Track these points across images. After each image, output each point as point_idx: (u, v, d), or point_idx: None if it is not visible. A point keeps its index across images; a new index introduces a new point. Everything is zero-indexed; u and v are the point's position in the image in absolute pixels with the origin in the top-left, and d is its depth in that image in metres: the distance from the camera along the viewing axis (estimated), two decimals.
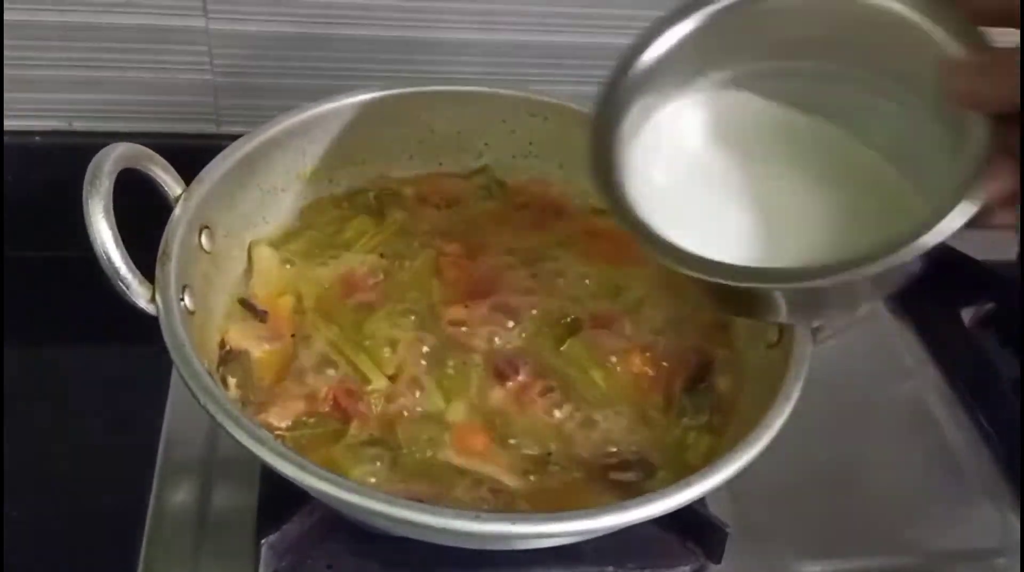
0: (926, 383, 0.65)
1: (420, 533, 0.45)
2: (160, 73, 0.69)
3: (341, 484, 0.39)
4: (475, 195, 0.62)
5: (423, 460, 0.47)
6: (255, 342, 0.51)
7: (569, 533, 0.43)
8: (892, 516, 0.57)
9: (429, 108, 0.62)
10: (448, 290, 0.56)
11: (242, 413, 0.41)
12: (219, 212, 0.52)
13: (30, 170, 0.71)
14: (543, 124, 0.63)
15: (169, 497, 0.51)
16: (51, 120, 0.70)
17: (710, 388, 0.52)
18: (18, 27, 0.65)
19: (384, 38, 0.70)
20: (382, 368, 0.51)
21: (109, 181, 0.44)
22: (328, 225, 0.59)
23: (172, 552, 0.49)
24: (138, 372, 0.60)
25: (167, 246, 0.47)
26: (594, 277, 0.57)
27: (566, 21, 0.71)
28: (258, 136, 0.55)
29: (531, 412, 0.50)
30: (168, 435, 0.54)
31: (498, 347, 0.53)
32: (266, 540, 0.46)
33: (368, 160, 0.62)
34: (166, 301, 0.45)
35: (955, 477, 0.60)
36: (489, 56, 0.72)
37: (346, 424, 0.48)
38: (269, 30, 0.68)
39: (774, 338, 0.52)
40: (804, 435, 0.58)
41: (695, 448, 0.49)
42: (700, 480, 0.42)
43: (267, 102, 0.70)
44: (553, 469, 0.48)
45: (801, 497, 0.56)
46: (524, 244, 0.59)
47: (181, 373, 0.42)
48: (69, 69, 0.68)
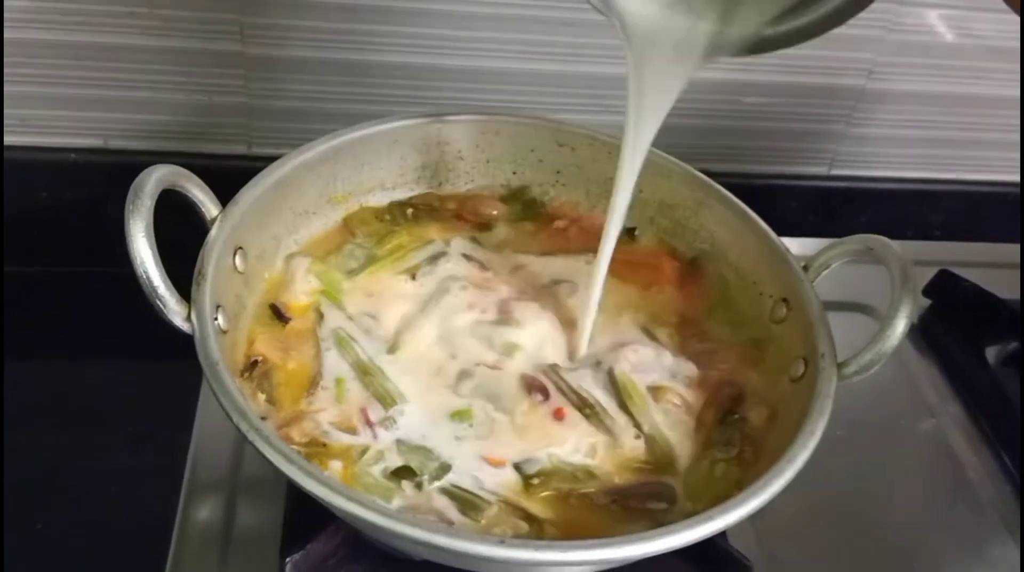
0: (949, 421, 0.65)
1: (444, 557, 0.45)
2: (195, 95, 0.70)
3: (371, 506, 0.40)
4: (511, 216, 0.63)
5: (448, 485, 0.47)
6: (280, 354, 0.52)
7: (594, 562, 0.43)
8: (914, 553, 0.56)
9: (459, 136, 0.62)
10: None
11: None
12: (253, 234, 0.53)
13: (65, 187, 0.72)
14: (571, 154, 0.63)
15: (195, 514, 0.52)
16: (87, 138, 0.72)
17: (742, 421, 0.52)
18: (57, 47, 0.67)
19: (415, 64, 0.71)
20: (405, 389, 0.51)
21: (151, 201, 0.44)
22: (368, 237, 0.60)
23: (197, 569, 0.49)
24: (165, 390, 0.61)
25: (203, 266, 0.48)
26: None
27: (595, 52, 0.72)
28: (292, 160, 0.56)
29: (560, 436, 0.50)
30: (195, 453, 0.55)
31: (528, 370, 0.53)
32: (290, 559, 0.46)
33: (399, 186, 0.63)
34: (201, 320, 0.45)
35: (977, 515, 0.59)
36: (519, 84, 0.73)
37: (368, 443, 0.49)
38: (303, 55, 0.69)
39: (798, 373, 0.52)
40: (827, 471, 0.58)
41: (725, 480, 0.49)
42: (724, 512, 0.42)
43: (299, 125, 0.72)
44: (578, 494, 0.48)
45: (823, 533, 0.56)
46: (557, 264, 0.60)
47: (215, 391, 0.43)
48: (106, 89, 0.69)
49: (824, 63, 0.76)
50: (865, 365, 0.49)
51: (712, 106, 0.77)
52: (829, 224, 0.84)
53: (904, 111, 0.80)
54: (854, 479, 0.60)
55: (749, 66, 0.75)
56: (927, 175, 0.85)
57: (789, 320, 0.55)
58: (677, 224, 0.62)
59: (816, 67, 0.76)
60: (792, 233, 0.59)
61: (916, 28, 0.75)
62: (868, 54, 0.76)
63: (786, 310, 0.55)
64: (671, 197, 0.62)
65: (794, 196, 0.83)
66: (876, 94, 0.79)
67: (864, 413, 0.63)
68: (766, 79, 0.77)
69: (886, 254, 0.51)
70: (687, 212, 0.62)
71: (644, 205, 0.63)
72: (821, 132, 0.81)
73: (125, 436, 0.60)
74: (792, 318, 0.54)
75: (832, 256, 0.54)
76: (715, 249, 0.61)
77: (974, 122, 0.82)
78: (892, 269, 0.50)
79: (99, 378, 0.65)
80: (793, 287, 0.54)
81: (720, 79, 0.76)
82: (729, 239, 0.60)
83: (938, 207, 0.86)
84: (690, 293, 0.60)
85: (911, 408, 0.66)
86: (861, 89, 0.78)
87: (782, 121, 0.80)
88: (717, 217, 0.60)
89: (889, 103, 0.80)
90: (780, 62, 0.76)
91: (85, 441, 0.60)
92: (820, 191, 0.84)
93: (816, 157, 0.83)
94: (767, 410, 0.53)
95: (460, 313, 0.56)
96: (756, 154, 0.81)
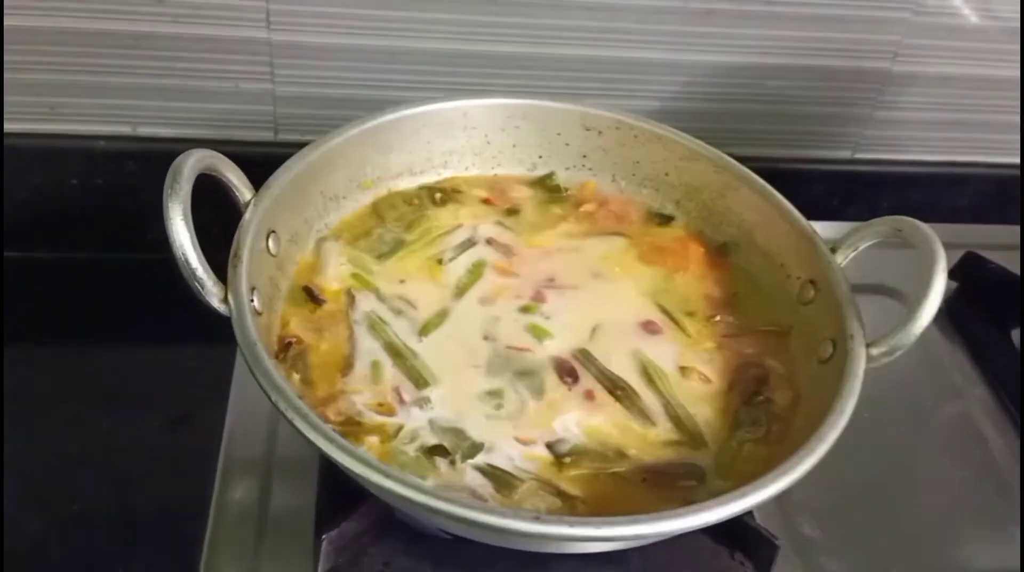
0: (976, 403, 0.65)
1: (479, 533, 0.46)
2: (222, 82, 0.71)
3: (408, 482, 0.40)
4: (538, 200, 0.64)
5: (481, 463, 0.48)
6: (314, 335, 0.52)
7: (628, 537, 0.44)
8: (940, 534, 0.56)
9: (486, 120, 0.63)
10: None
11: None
12: (285, 217, 0.54)
13: (94, 174, 0.73)
14: (597, 138, 0.64)
15: (231, 494, 0.53)
16: (116, 125, 0.72)
17: (768, 402, 0.53)
18: (86, 35, 0.67)
19: (441, 50, 0.71)
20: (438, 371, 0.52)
21: (188, 185, 0.45)
22: (397, 222, 0.60)
23: (233, 548, 0.50)
24: (199, 373, 0.62)
25: (238, 249, 0.48)
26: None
27: (620, 37, 0.72)
28: (322, 145, 0.56)
29: (591, 417, 0.51)
30: (230, 434, 0.56)
31: (559, 352, 0.54)
32: (326, 536, 0.47)
33: (426, 170, 0.63)
34: (238, 301, 0.46)
35: (1004, 496, 0.59)
36: (545, 70, 0.73)
37: (402, 422, 0.49)
38: (329, 42, 0.70)
39: (827, 354, 0.52)
40: (854, 453, 0.58)
41: (753, 459, 0.49)
42: (757, 490, 0.42)
43: (325, 112, 0.72)
44: (609, 473, 0.48)
45: (850, 514, 0.56)
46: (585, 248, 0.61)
47: (253, 371, 0.43)
48: (135, 76, 0.70)
49: (849, 46, 0.76)
50: (894, 346, 0.49)
51: (736, 90, 0.77)
52: (854, 208, 0.84)
53: (929, 94, 0.80)
54: (880, 461, 0.60)
55: (772, 50, 0.75)
56: (953, 158, 0.85)
57: (817, 302, 0.55)
58: (704, 207, 0.63)
59: (841, 50, 0.76)
60: (817, 217, 0.59)
61: (941, 10, 0.75)
62: (893, 36, 0.76)
63: (814, 292, 0.55)
64: (697, 180, 0.62)
65: (819, 180, 0.83)
66: (901, 77, 0.78)
67: (891, 395, 0.63)
68: (790, 62, 0.76)
69: (916, 235, 0.51)
70: (714, 195, 0.62)
71: (671, 188, 0.63)
72: (846, 116, 0.81)
73: (161, 419, 0.61)
74: (820, 300, 0.55)
75: (861, 237, 0.54)
76: (742, 232, 0.61)
77: (1000, 104, 0.82)
78: (922, 250, 0.50)
79: (133, 362, 0.66)
80: (821, 269, 0.54)
81: (743, 63, 0.76)
82: (756, 221, 0.60)
83: (964, 191, 0.86)
84: (717, 277, 0.60)
85: (937, 390, 0.66)
86: (886, 72, 0.78)
87: (806, 105, 0.79)
88: (744, 199, 0.60)
89: (914, 86, 0.79)
90: (804, 45, 0.75)
91: (124, 423, 0.61)
92: (845, 175, 0.84)
93: (841, 141, 0.83)
94: (791, 392, 0.53)
95: (490, 297, 0.56)
96: (780, 138, 0.81)
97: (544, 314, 0.56)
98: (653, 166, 0.63)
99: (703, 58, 0.75)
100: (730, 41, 0.74)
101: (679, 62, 0.75)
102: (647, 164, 0.63)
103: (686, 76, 0.76)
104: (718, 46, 0.74)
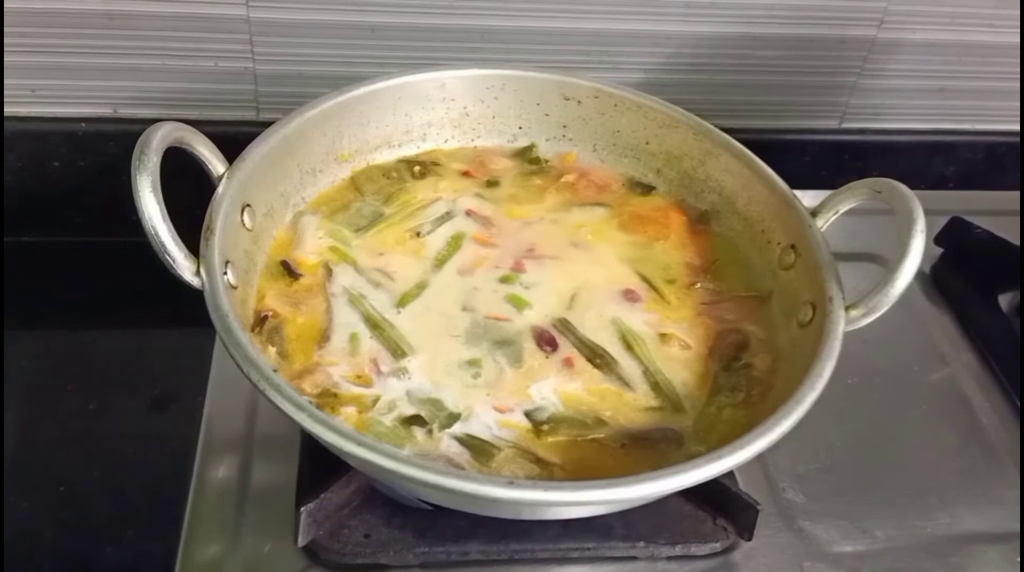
0: (962, 368, 0.65)
1: (456, 501, 0.46)
2: (202, 61, 0.71)
3: (381, 450, 0.40)
4: (519, 171, 0.63)
5: (459, 432, 0.48)
6: (290, 308, 0.52)
7: (603, 501, 0.44)
8: (926, 498, 0.56)
9: (464, 91, 0.62)
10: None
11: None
12: (260, 191, 0.53)
13: (76, 156, 0.73)
14: (577, 108, 0.63)
15: (212, 471, 0.52)
16: (97, 107, 0.72)
17: (747, 366, 0.52)
18: (63, 15, 0.67)
19: (420, 25, 0.71)
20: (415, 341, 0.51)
21: (156, 157, 0.45)
22: (376, 195, 0.60)
23: (214, 523, 0.50)
24: (185, 353, 0.62)
25: (211, 222, 0.48)
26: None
27: (601, 8, 0.72)
28: (297, 117, 0.56)
29: (569, 384, 0.51)
30: (210, 412, 0.55)
31: (538, 321, 0.53)
32: (305, 508, 0.47)
33: (404, 143, 0.63)
34: (211, 275, 0.46)
35: (990, 460, 0.59)
36: (524, 43, 0.72)
37: (379, 393, 0.49)
38: (309, 18, 0.69)
39: (807, 317, 0.52)
40: (841, 418, 0.58)
41: (732, 423, 0.49)
42: (733, 452, 0.42)
43: (307, 90, 0.71)
44: (587, 439, 0.48)
45: (835, 478, 0.56)
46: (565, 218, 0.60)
47: (225, 344, 0.43)
48: (114, 57, 0.70)
49: (834, 13, 0.75)
50: (873, 307, 0.49)
51: (720, 61, 0.77)
52: (841, 178, 0.82)
53: (916, 61, 0.79)
54: (867, 426, 0.60)
55: (757, 19, 0.75)
56: (940, 126, 0.84)
57: (797, 266, 0.55)
58: (685, 175, 0.62)
59: (826, 17, 0.76)
60: (804, 187, 0.58)
61: None
62: (880, 3, 0.75)
63: (794, 256, 0.55)
64: (678, 148, 0.62)
65: (806, 150, 0.82)
66: (887, 44, 0.78)
67: (877, 361, 0.63)
68: (775, 31, 0.76)
69: (894, 196, 0.50)
70: (694, 162, 0.61)
71: (651, 157, 0.63)
72: (832, 85, 0.80)
73: (147, 400, 0.61)
74: (800, 264, 0.54)
75: (840, 200, 0.54)
76: (723, 199, 0.61)
77: (987, 71, 0.81)
78: (901, 211, 0.49)
79: (115, 345, 0.66)
80: (801, 232, 0.54)
81: (728, 32, 0.75)
82: (737, 187, 0.60)
83: (951, 158, 0.85)
84: (698, 244, 0.60)
85: (924, 356, 0.66)
86: (872, 39, 0.77)
87: (792, 74, 0.79)
88: (724, 166, 0.60)
89: (901, 53, 0.79)
90: (789, 13, 0.75)
91: (106, 403, 0.61)
92: (832, 145, 0.83)
93: (827, 110, 0.82)
94: (771, 356, 0.53)
95: (468, 268, 0.56)
96: (766, 109, 0.81)
97: (523, 284, 0.55)
98: (633, 135, 0.63)
99: (687, 28, 0.74)
100: (714, 11, 0.73)
101: (662, 33, 0.74)
102: (627, 133, 0.63)
103: (669, 47, 0.75)
104: (701, 16, 0.74)
